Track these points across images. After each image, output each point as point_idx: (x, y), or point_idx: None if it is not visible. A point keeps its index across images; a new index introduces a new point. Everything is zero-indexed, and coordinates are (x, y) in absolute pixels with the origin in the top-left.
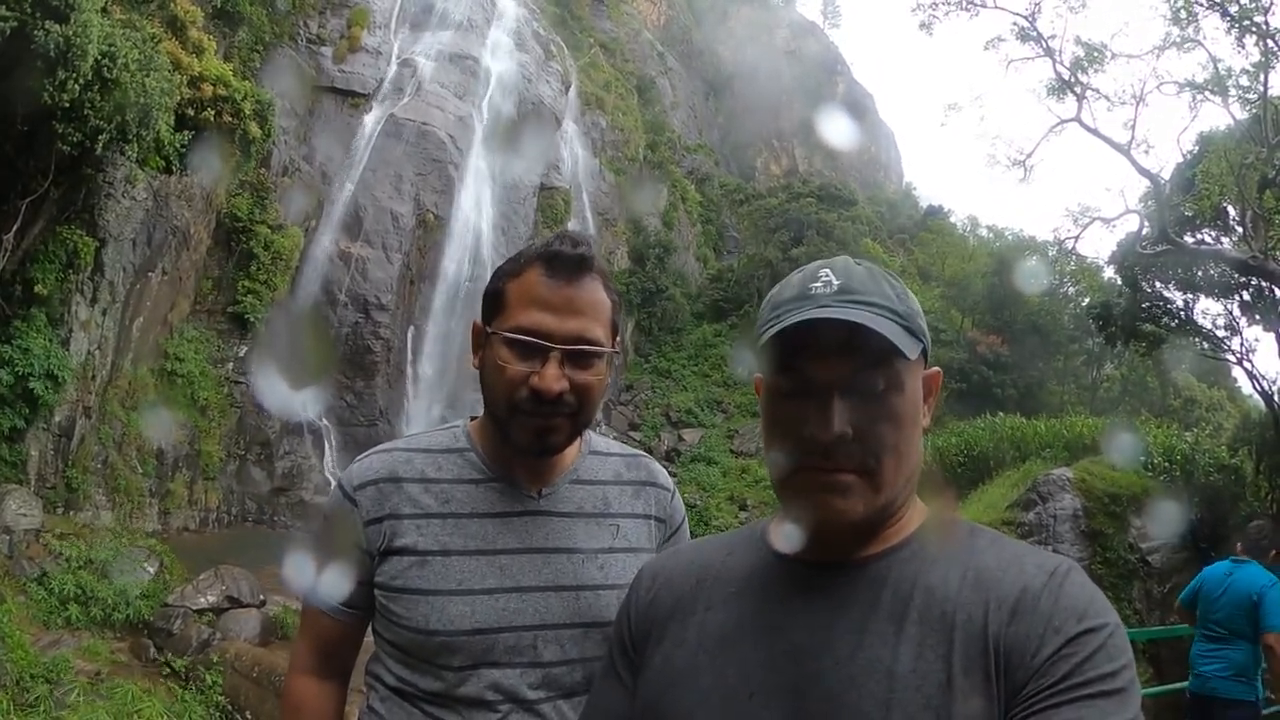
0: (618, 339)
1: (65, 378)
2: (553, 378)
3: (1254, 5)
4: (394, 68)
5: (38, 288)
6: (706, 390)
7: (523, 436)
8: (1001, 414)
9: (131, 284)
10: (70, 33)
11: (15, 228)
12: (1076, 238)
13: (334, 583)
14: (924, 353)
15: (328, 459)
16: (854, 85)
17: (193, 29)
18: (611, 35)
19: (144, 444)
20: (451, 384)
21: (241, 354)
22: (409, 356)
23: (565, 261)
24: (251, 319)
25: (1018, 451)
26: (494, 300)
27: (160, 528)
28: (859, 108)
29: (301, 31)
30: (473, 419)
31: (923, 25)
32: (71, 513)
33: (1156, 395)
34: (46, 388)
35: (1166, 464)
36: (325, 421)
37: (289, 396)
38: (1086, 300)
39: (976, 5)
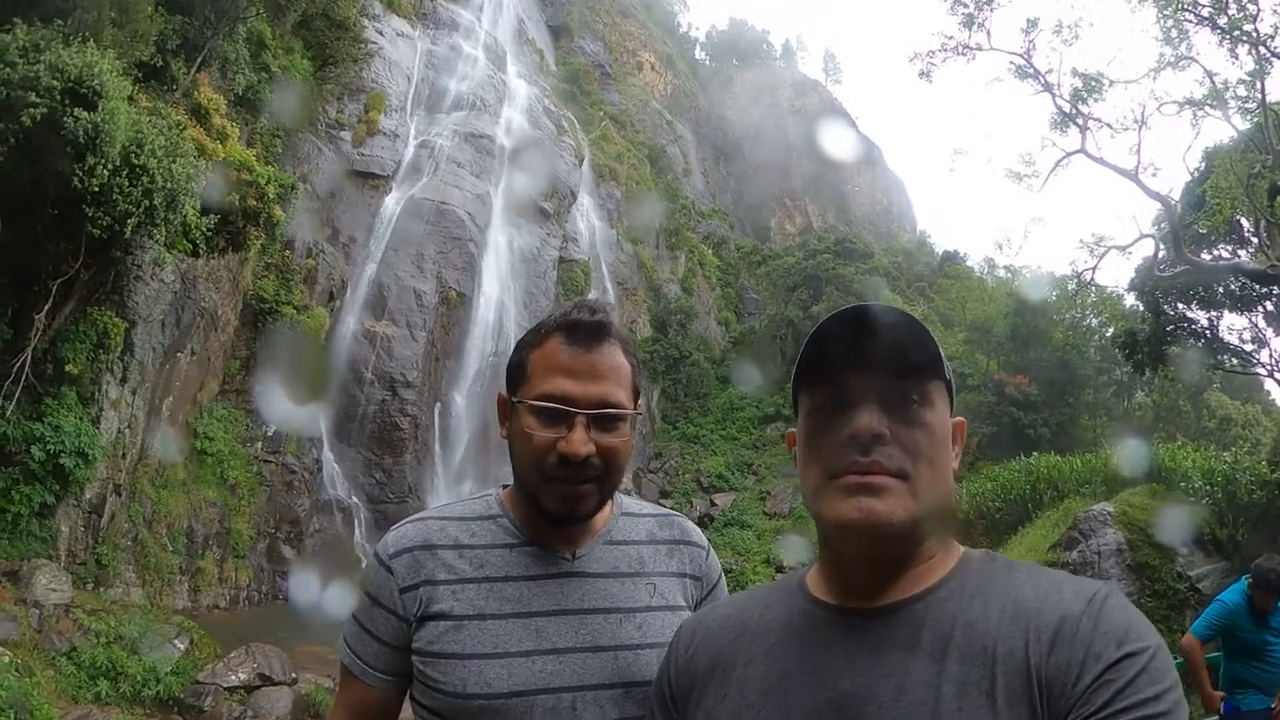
0: (639, 402)
1: (96, 455)
2: (579, 441)
3: (1242, 15)
4: (411, 149)
5: (69, 367)
6: (736, 454)
7: (553, 502)
8: (1035, 454)
9: (161, 364)
10: (98, 119)
11: (46, 307)
12: (1094, 268)
13: (371, 651)
14: (949, 393)
15: (358, 536)
16: (860, 139)
17: (216, 116)
18: (621, 107)
19: (174, 522)
20: (480, 458)
21: (270, 433)
22: (436, 433)
23: (585, 329)
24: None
25: (1055, 490)
26: (517, 371)
27: (190, 605)
28: (867, 159)
29: (321, 117)
30: (504, 488)
31: (922, 74)
32: (101, 589)
33: (1190, 418)
34: (77, 465)
35: (1208, 487)
36: (355, 499)
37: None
38: (1110, 330)
39: (971, 49)
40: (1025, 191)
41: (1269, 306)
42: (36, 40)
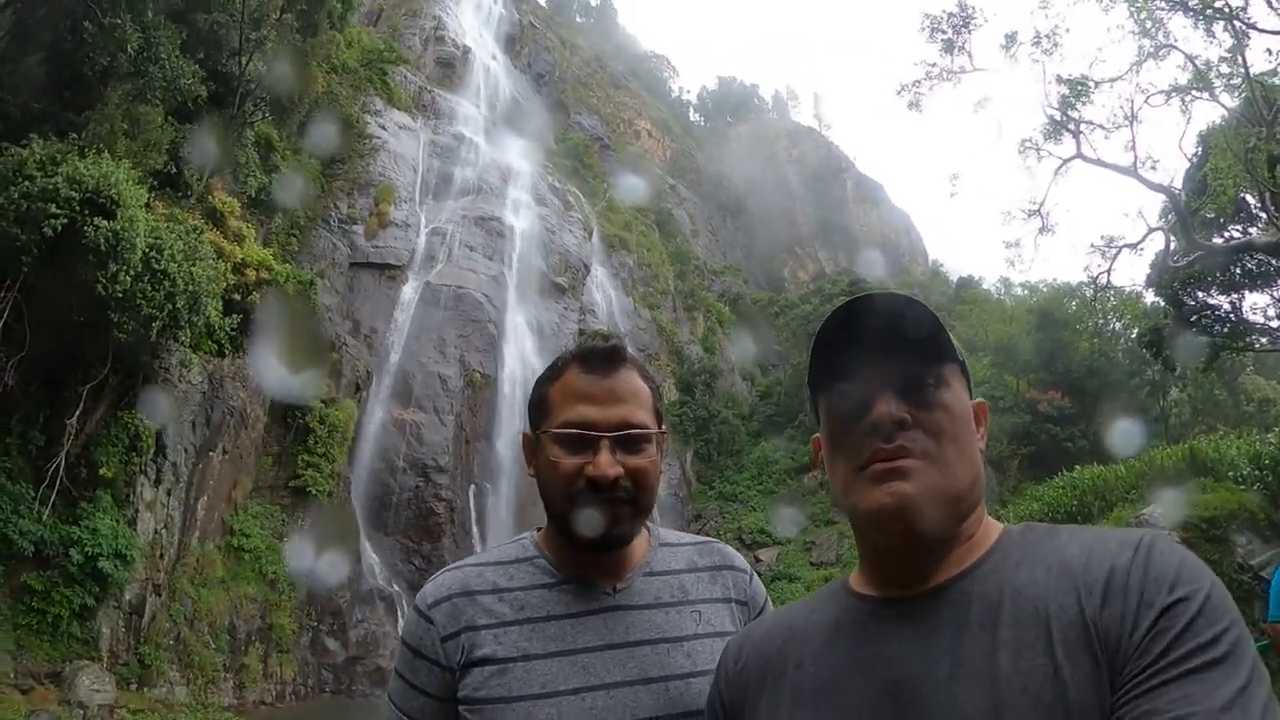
0: (664, 425)
1: (134, 556)
2: (606, 463)
3: None
4: (424, 237)
5: (102, 470)
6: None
7: (586, 531)
8: (1078, 467)
9: (193, 464)
10: (118, 227)
11: (77, 412)
12: (1109, 271)
13: (417, 705)
14: (965, 375)
15: (401, 625)
16: (862, 179)
17: (231, 218)
18: (623, 177)
19: (215, 619)
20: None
21: (306, 526)
22: (472, 515)
23: (599, 355)
24: (313, 492)
25: (1103, 501)
26: (538, 406)
27: (236, 701)
28: (871, 199)
29: (333, 213)
30: (538, 530)
31: (911, 105)
32: (145, 689)
33: (1229, 406)
34: (115, 567)
35: (1257, 472)
36: (395, 587)
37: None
38: (1135, 331)
39: (955, 73)
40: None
41: None
42: (53, 154)
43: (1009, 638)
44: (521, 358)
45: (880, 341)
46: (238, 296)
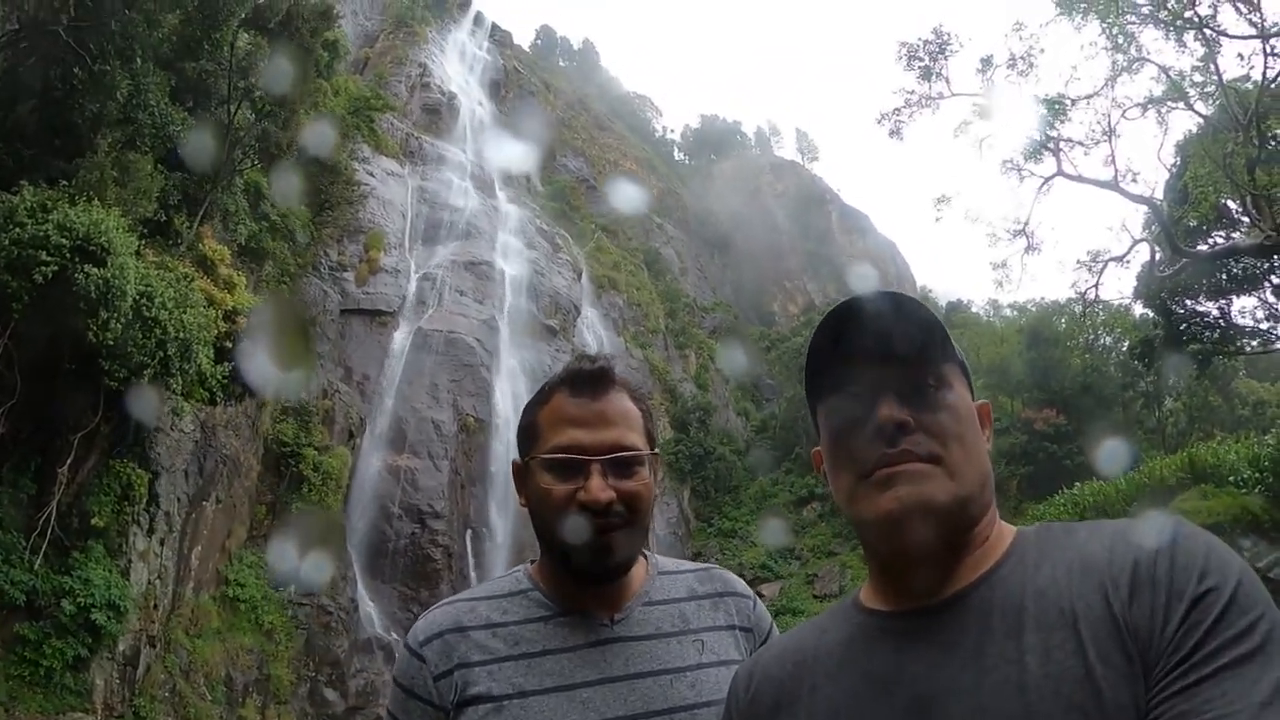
0: (656, 449)
1: (127, 607)
2: (598, 488)
3: (1180, 4)
4: (414, 283)
5: (94, 520)
6: (776, 540)
7: (582, 558)
8: (1078, 484)
9: (187, 513)
10: (108, 275)
11: (69, 461)
12: (1096, 285)
13: None
14: (965, 375)
15: None
16: (846, 209)
17: (222, 266)
18: (611, 217)
19: (211, 670)
20: None
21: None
22: (470, 560)
23: (587, 378)
24: None
25: (1105, 515)
26: (527, 433)
27: None
28: (857, 229)
29: (323, 260)
30: (532, 563)
31: (892, 133)
32: None
33: (1224, 412)
34: (109, 618)
35: (1257, 474)
36: (394, 635)
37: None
38: (1126, 344)
39: (934, 99)
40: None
41: (1275, 280)
42: (43, 201)
43: (1036, 642)
44: (515, 401)
45: (877, 343)
46: (229, 344)
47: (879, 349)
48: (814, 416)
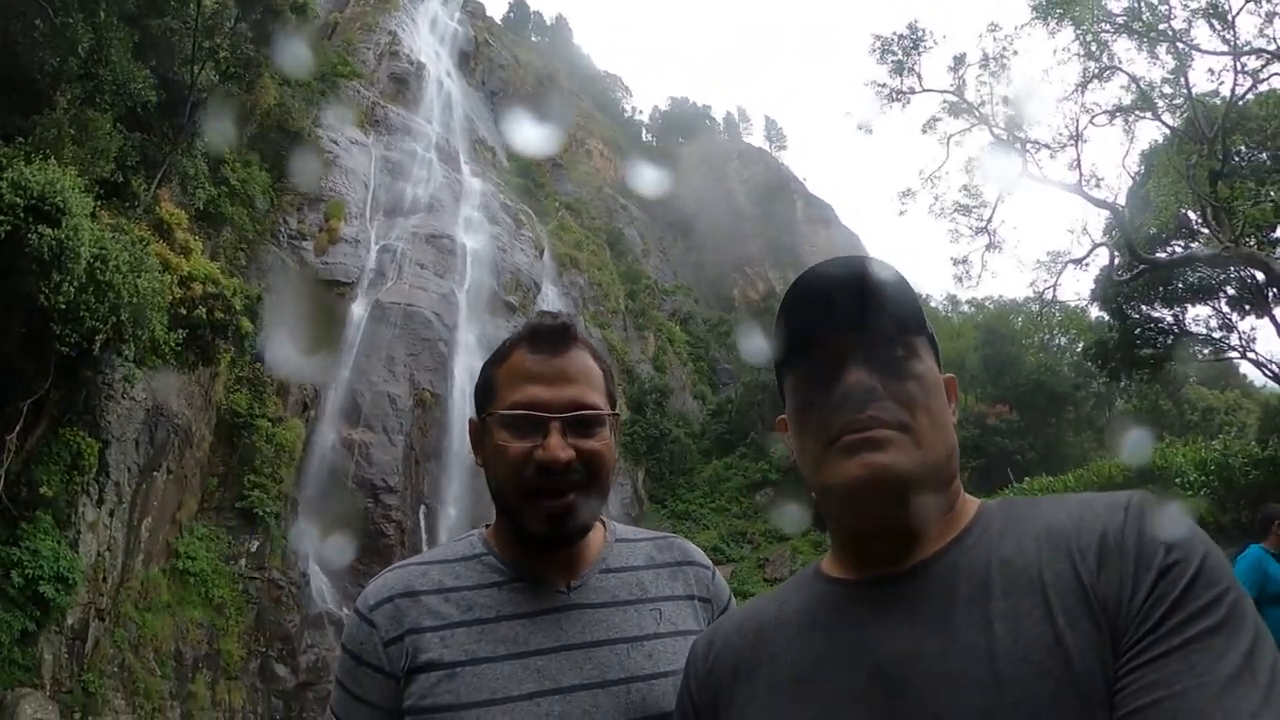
0: (617, 409)
1: (76, 580)
2: (557, 446)
3: (1155, 17)
4: (374, 254)
5: (43, 489)
6: (729, 524)
7: (538, 521)
8: (1027, 479)
9: (137, 484)
10: (62, 236)
11: (18, 429)
12: (1054, 286)
13: (360, 716)
14: (934, 347)
15: None
16: (812, 200)
17: (178, 230)
18: (575, 196)
19: (161, 645)
20: None
21: (254, 549)
22: (424, 536)
23: (548, 334)
24: (260, 514)
25: None
26: (485, 390)
27: None
28: (821, 220)
29: (282, 228)
30: (487, 527)
31: (860, 127)
32: (90, 718)
33: (1174, 416)
34: (57, 590)
35: (1203, 478)
36: (345, 611)
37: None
38: (1080, 345)
39: (905, 94)
40: (976, 222)
41: (1230, 291)
42: None
43: (1003, 609)
44: (472, 376)
45: (849, 310)
46: (184, 311)
47: (851, 314)
48: (780, 383)
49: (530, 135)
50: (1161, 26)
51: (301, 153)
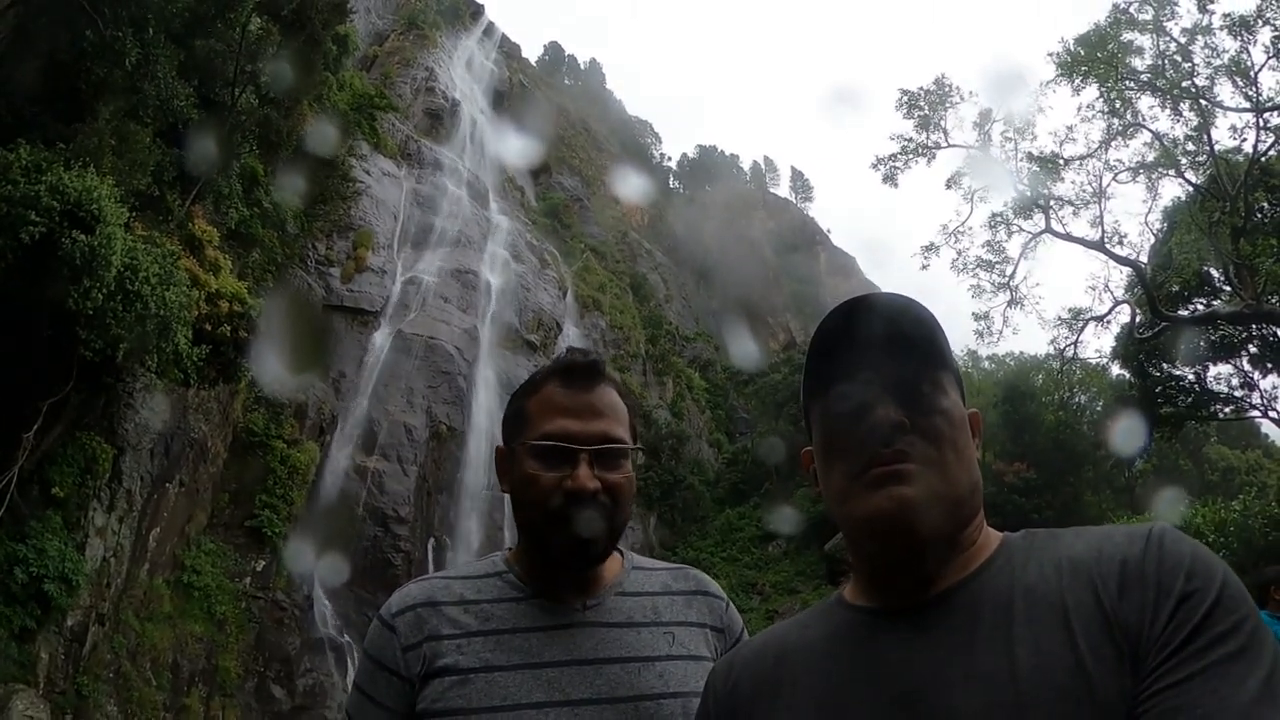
0: (638, 444)
1: (79, 582)
2: (586, 477)
3: (1179, 74)
4: (399, 285)
5: (55, 490)
6: (739, 574)
7: (563, 546)
8: None
9: (149, 494)
10: (95, 243)
11: (36, 428)
12: (1075, 343)
13: (375, 718)
14: (959, 382)
15: (351, 677)
16: (835, 252)
17: (209, 248)
18: (600, 238)
19: (159, 656)
20: None
21: (259, 568)
22: (431, 569)
23: (580, 370)
24: (269, 533)
25: None
26: (515, 419)
27: None
28: (843, 272)
29: (310, 253)
30: (509, 550)
31: (886, 179)
32: None
33: (1193, 476)
34: (60, 590)
35: (1222, 539)
36: (346, 637)
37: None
38: (1100, 403)
39: (931, 149)
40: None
41: (1252, 349)
42: (39, 161)
43: (1026, 634)
44: (489, 413)
45: (878, 344)
46: (209, 327)
47: (881, 348)
48: (807, 417)
49: (559, 176)
50: (1185, 84)
51: (334, 181)
